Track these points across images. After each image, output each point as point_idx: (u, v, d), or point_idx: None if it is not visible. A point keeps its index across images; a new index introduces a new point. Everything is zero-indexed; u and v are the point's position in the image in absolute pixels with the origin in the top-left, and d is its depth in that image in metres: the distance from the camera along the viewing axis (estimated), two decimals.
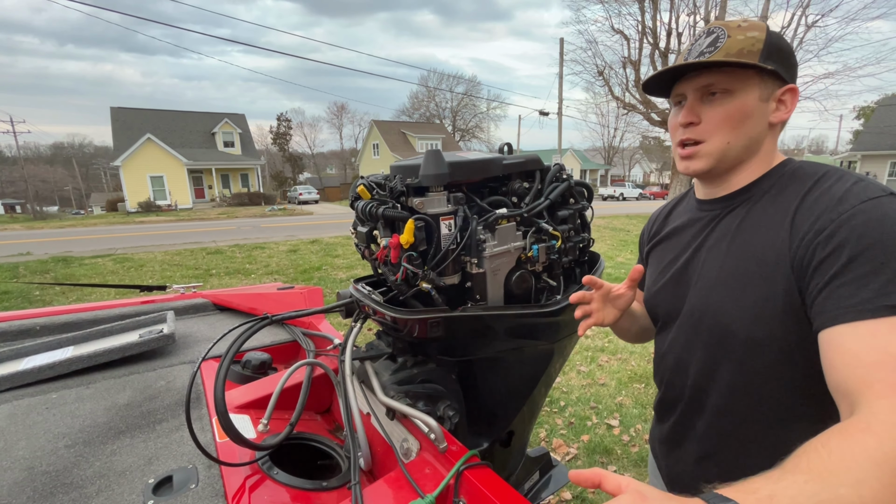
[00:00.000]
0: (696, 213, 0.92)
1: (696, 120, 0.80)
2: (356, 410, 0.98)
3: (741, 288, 0.77)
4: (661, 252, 0.99)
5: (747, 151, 0.80)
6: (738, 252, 0.79)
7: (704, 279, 0.84)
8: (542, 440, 2.82)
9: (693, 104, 0.81)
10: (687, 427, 0.91)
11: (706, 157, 0.81)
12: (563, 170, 1.14)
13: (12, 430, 1.01)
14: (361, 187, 0.99)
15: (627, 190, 37.89)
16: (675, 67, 0.80)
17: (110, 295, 5.67)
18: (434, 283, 0.91)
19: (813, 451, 0.53)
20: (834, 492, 0.49)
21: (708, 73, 0.78)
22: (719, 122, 0.78)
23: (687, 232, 0.93)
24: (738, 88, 0.76)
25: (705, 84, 0.78)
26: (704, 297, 0.83)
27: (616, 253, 9.04)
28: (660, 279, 0.96)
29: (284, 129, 48.08)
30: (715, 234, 0.85)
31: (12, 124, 36.70)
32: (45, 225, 21.41)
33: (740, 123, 0.77)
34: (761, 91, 0.77)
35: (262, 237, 12.12)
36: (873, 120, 22.14)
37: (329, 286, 6.37)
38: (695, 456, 0.91)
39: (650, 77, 0.84)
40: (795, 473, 0.51)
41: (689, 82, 0.81)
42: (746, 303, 0.76)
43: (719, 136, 0.79)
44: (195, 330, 1.68)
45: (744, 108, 0.77)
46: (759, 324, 0.74)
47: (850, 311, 0.61)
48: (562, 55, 18.77)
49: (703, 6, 13.91)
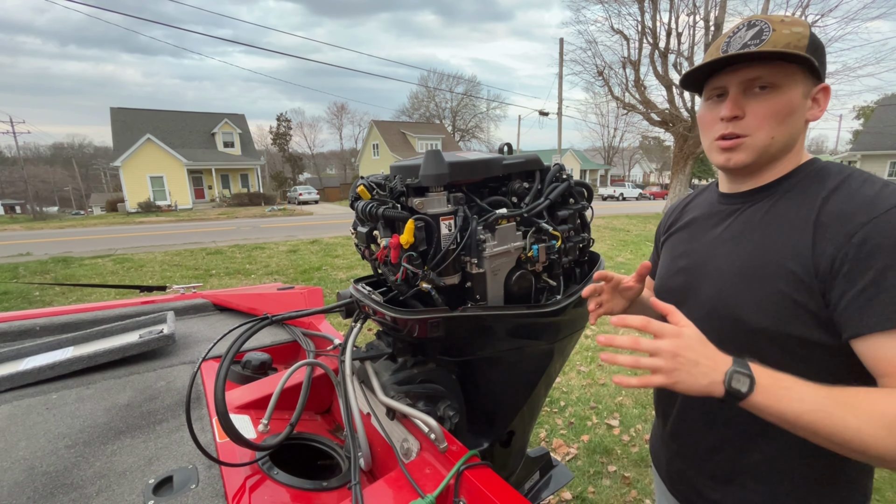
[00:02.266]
0: (716, 206, 0.92)
1: (741, 114, 0.78)
2: (356, 410, 0.98)
3: (757, 282, 0.76)
4: (676, 242, 0.99)
5: (786, 148, 0.79)
6: (757, 246, 0.78)
7: (720, 271, 0.83)
8: (542, 440, 2.82)
9: (737, 97, 0.78)
10: (689, 420, 0.91)
11: (749, 151, 0.79)
12: (563, 170, 1.13)
13: (12, 430, 1.01)
14: (361, 187, 0.99)
15: (627, 190, 37.91)
16: (723, 59, 0.76)
17: (110, 295, 5.67)
18: (434, 284, 0.91)
19: (850, 389, 0.62)
20: (841, 414, 0.60)
21: (754, 66, 0.75)
22: (765, 116, 0.76)
23: (704, 223, 0.93)
24: (784, 83, 0.74)
25: (752, 77, 0.76)
26: (719, 289, 0.83)
27: (616, 253, 9.03)
28: (672, 268, 0.96)
29: (284, 130, 48.08)
30: (734, 227, 0.85)
31: (12, 125, 36.66)
32: (44, 225, 21.40)
33: (785, 119, 0.76)
34: (804, 87, 0.75)
35: (261, 237, 12.11)
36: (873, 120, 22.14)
37: (329, 286, 6.37)
38: (698, 449, 0.90)
39: (692, 70, 0.81)
40: (821, 388, 0.62)
41: (732, 75, 0.78)
42: (761, 297, 0.76)
43: (765, 131, 0.77)
44: (195, 330, 1.68)
45: (790, 104, 0.75)
46: (773, 318, 0.74)
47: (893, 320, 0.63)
48: (561, 55, 18.77)
49: (703, 6, 13.90)
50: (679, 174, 15.03)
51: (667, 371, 0.62)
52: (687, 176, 15.00)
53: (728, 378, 0.61)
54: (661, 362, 0.63)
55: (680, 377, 0.62)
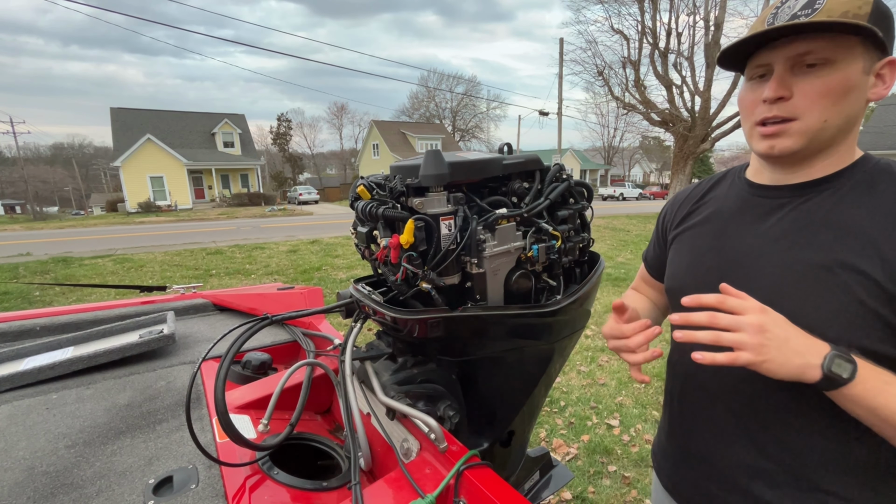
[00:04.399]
0: (750, 199, 0.82)
1: (788, 94, 0.68)
2: (356, 410, 0.98)
3: (827, 287, 0.68)
4: (696, 237, 0.90)
5: (842, 132, 0.70)
6: (826, 247, 0.69)
7: (775, 272, 0.74)
8: (542, 440, 2.82)
9: (783, 76, 0.68)
10: (717, 430, 0.83)
11: (798, 136, 0.70)
12: (563, 170, 1.13)
13: (12, 430, 1.01)
14: (361, 187, 0.99)
15: (627, 190, 37.95)
16: (769, 31, 0.66)
17: (110, 295, 5.67)
18: (434, 284, 0.91)
19: None
20: None
21: (804, 39, 0.66)
22: (817, 96, 0.66)
23: (735, 218, 0.83)
24: (840, 58, 0.65)
25: (802, 52, 0.66)
26: (776, 293, 0.71)
27: (616, 253, 9.03)
28: (695, 268, 0.87)
29: (284, 130, 48.12)
30: (786, 224, 0.75)
31: (12, 125, 36.69)
32: (44, 225, 21.40)
33: (841, 99, 0.66)
34: (865, 62, 0.66)
35: (261, 237, 12.11)
36: (873, 120, 22.14)
37: (329, 286, 6.37)
38: (714, 461, 0.83)
39: (731, 45, 0.72)
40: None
41: (778, 51, 0.68)
42: (832, 303, 0.67)
43: (816, 113, 0.67)
44: (195, 330, 1.68)
45: (847, 82, 0.65)
46: (842, 328, 0.66)
47: None
48: (561, 55, 18.77)
49: (703, 6, 13.91)
50: (679, 174, 15.04)
51: (754, 347, 0.56)
52: (687, 176, 15.01)
53: (828, 361, 0.56)
54: (747, 337, 0.56)
55: (769, 354, 0.56)
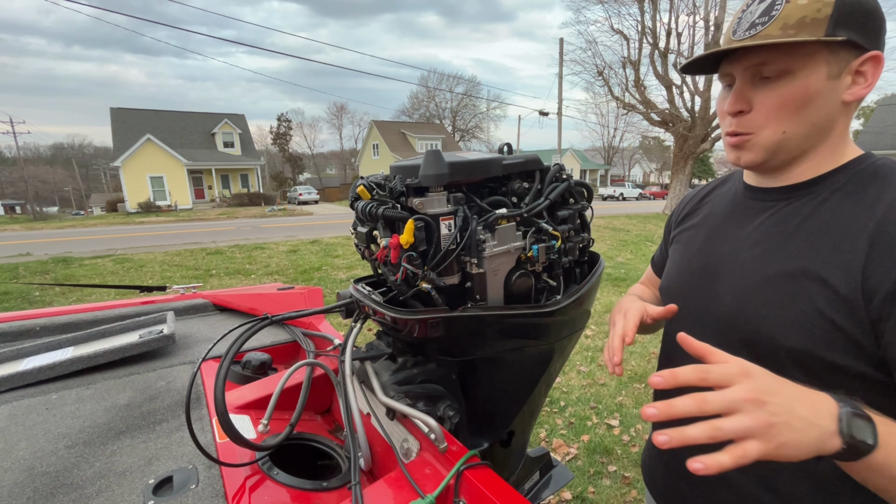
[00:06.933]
0: (742, 200, 0.80)
1: (746, 108, 0.67)
2: (356, 410, 0.98)
3: (789, 296, 0.65)
4: (690, 238, 0.88)
5: (811, 140, 0.67)
6: (795, 254, 0.66)
7: (743, 279, 0.72)
8: (542, 440, 2.82)
9: (742, 88, 0.67)
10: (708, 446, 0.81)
11: (758, 150, 0.68)
12: (563, 170, 1.13)
13: (12, 430, 1.01)
14: (361, 187, 0.99)
15: (627, 190, 37.97)
16: (710, 53, 0.66)
17: (110, 295, 5.67)
18: (434, 284, 0.91)
19: None
20: None
21: (758, 50, 0.64)
22: (773, 109, 0.65)
23: (727, 219, 0.81)
24: (799, 67, 0.62)
25: (757, 63, 0.64)
26: (740, 300, 0.71)
27: (616, 253, 9.03)
28: (685, 268, 0.86)
29: (284, 130, 48.12)
30: (765, 229, 0.72)
31: (12, 125, 36.71)
32: (44, 225, 21.40)
33: (800, 109, 0.64)
34: (830, 67, 0.62)
35: (261, 237, 12.11)
36: (873, 120, 22.14)
37: (329, 286, 6.37)
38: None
39: (688, 62, 0.72)
40: None
41: (736, 63, 0.67)
42: (792, 313, 0.64)
43: (773, 126, 0.66)
44: (195, 330, 1.68)
45: (805, 92, 0.62)
46: (804, 339, 0.63)
47: None
48: (561, 55, 18.78)
49: (703, 6, 13.92)
50: (679, 174, 15.05)
51: (761, 431, 0.44)
52: (687, 176, 15.02)
53: (845, 423, 0.46)
54: (749, 420, 0.44)
55: (782, 435, 0.44)
